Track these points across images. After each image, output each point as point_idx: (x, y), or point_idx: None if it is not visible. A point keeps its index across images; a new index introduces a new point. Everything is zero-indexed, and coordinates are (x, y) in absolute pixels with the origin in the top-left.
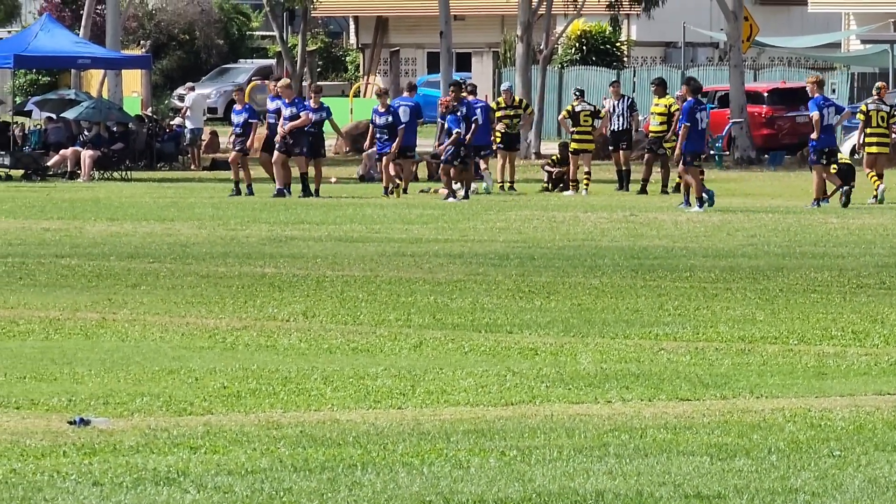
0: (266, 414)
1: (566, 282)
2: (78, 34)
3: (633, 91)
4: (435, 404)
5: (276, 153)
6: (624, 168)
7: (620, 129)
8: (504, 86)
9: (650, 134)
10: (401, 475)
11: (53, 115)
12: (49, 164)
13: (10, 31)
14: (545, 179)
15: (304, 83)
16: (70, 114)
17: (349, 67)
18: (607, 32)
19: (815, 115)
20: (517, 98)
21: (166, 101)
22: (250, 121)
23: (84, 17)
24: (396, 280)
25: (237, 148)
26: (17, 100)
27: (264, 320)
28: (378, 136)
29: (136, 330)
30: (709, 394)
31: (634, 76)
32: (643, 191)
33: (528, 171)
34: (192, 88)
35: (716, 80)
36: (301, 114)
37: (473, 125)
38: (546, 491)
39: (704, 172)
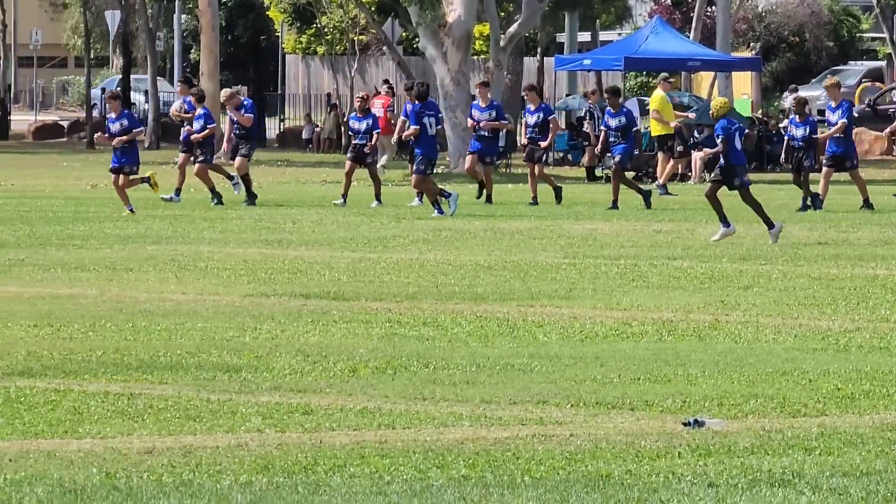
0: (880, 415)
1: None
2: (687, 36)
3: None
4: None
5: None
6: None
7: None
8: None
9: None
10: None
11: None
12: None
13: (619, 34)
14: None
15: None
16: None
17: None
18: None
19: (842, 122)
20: None
21: (776, 104)
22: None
23: (694, 20)
24: None
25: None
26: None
27: (877, 322)
28: None
29: (748, 331)
30: None
31: None
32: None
33: None
34: (796, 90)
35: None
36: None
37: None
38: None
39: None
